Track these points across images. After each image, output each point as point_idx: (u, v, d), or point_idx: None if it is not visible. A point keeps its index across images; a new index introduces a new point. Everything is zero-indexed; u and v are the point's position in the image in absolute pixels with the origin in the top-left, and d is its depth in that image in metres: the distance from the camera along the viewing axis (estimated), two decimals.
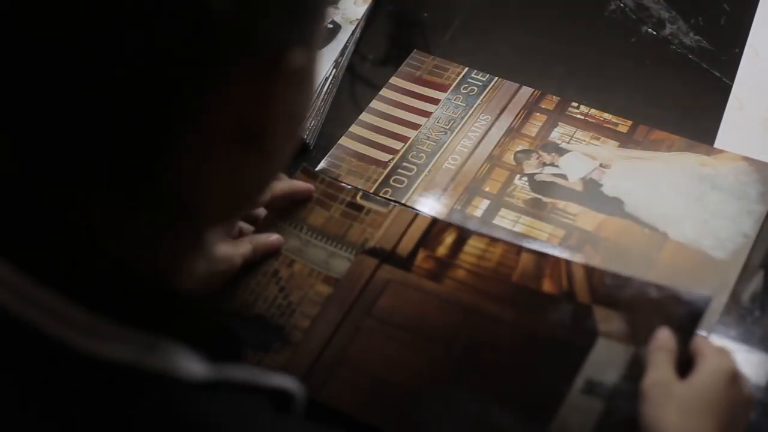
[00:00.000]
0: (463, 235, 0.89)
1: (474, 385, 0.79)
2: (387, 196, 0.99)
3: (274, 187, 0.91)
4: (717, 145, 1.02)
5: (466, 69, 1.13)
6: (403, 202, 0.99)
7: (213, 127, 0.49)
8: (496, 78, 1.11)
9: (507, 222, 0.97)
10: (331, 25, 1.16)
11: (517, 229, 0.96)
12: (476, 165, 1.02)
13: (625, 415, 0.74)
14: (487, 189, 1.00)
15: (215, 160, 0.51)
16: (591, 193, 0.99)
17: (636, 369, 0.75)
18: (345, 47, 1.15)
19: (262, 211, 0.92)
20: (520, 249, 0.87)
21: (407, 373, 0.80)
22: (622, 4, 1.20)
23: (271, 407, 0.55)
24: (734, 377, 0.73)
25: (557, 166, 1.02)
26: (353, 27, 1.17)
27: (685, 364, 0.75)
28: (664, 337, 0.76)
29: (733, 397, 0.73)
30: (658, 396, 0.72)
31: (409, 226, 0.91)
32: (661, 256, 0.92)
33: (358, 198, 0.94)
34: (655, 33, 1.16)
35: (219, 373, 0.52)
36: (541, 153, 1.03)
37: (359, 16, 1.19)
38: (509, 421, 0.76)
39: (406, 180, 1.01)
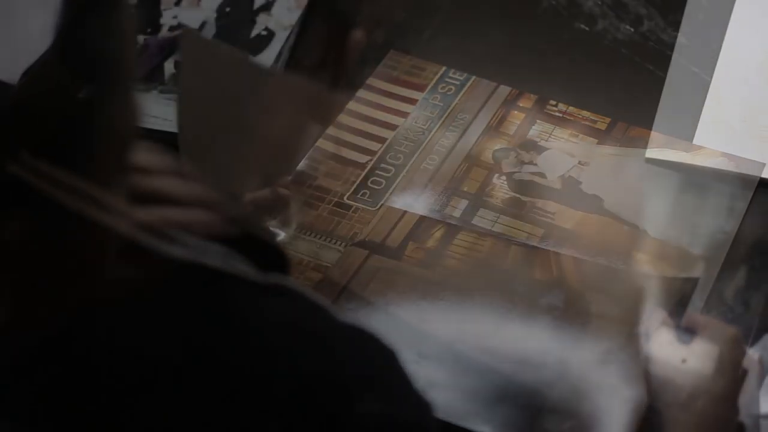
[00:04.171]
0: (453, 231, 0.93)
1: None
2: (366, 198, 0.98)
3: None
4: (696, 141, 1.02)
5: (444, 68, 1.12)
6: (381, 203, 0.98)
7: None
8: (474, 77, 1.11)
9: (486, 222, 0.96)
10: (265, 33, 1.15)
11: (497, 229, 0.95)
12: (454, 165, 1.01)
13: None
14: (465, 189, 0.99)
15: None
16: (570, 190, 0.98)
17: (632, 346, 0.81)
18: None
19: None
20: (509, 242, 0.92)
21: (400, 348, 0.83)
22: (600, 2, 1.19)
23: None
24: (738, 340, 0.79)
25: (536, 164, 1.01)
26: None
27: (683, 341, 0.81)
28: (660, 315, 0.83)
29: (739, 358, 0.78)
30: (665, 355, 0.79)
31: (397, 222, 0.95)
32: (641, 253, 0.92)
33: (345, 198, 0.98)
34: (632, 30, 1.16)
35: (269, 279, 0.58)
36: (519, 151, 1.02)
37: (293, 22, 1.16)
38: (515, 394, 0.80)
39: (384, 181, 1.00)
